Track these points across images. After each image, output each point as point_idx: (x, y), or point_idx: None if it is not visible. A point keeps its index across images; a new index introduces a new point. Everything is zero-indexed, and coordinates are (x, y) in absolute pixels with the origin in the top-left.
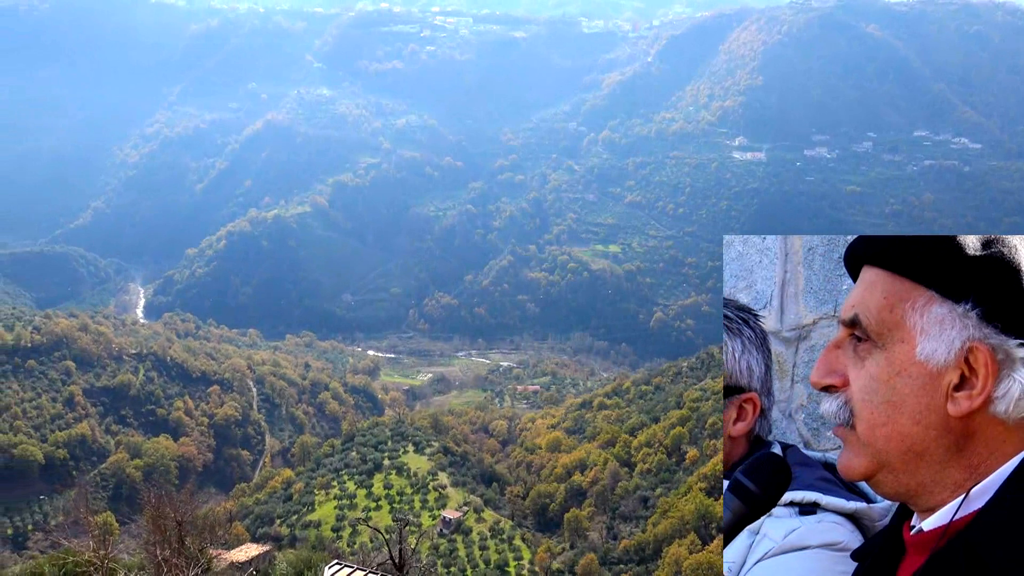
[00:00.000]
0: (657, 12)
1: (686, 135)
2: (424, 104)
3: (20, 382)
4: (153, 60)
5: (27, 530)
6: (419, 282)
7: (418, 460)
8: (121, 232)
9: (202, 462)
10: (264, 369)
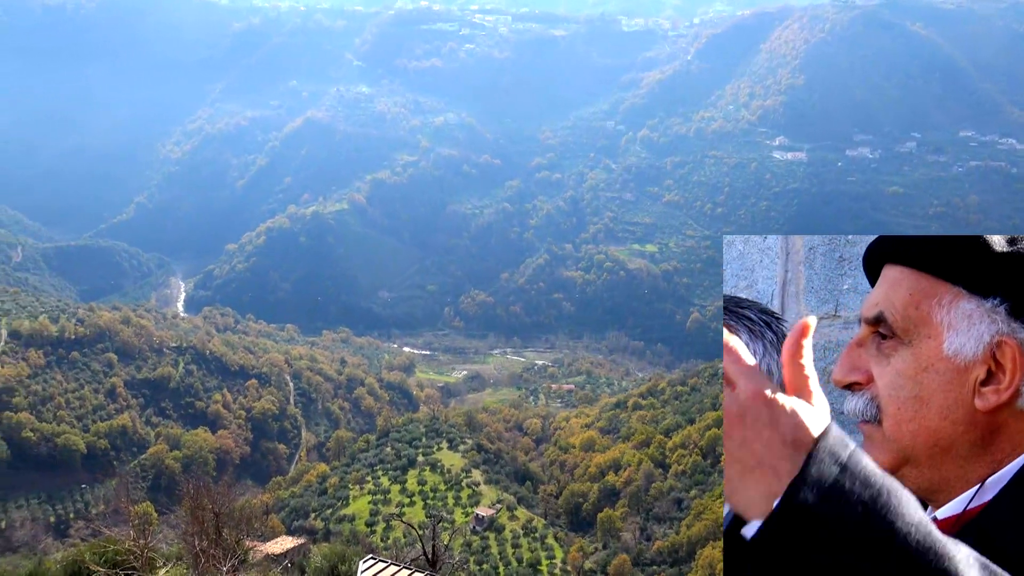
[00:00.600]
0: (698, 10)
1: (725, 134)
2: (462, 102)
3: (64, 373)
4: (196, 58)
5: (69, 518)
6: (455, 280)
7: (452, 457)
8: (163, 227)
9: (239, 455)
10: (301, 364)
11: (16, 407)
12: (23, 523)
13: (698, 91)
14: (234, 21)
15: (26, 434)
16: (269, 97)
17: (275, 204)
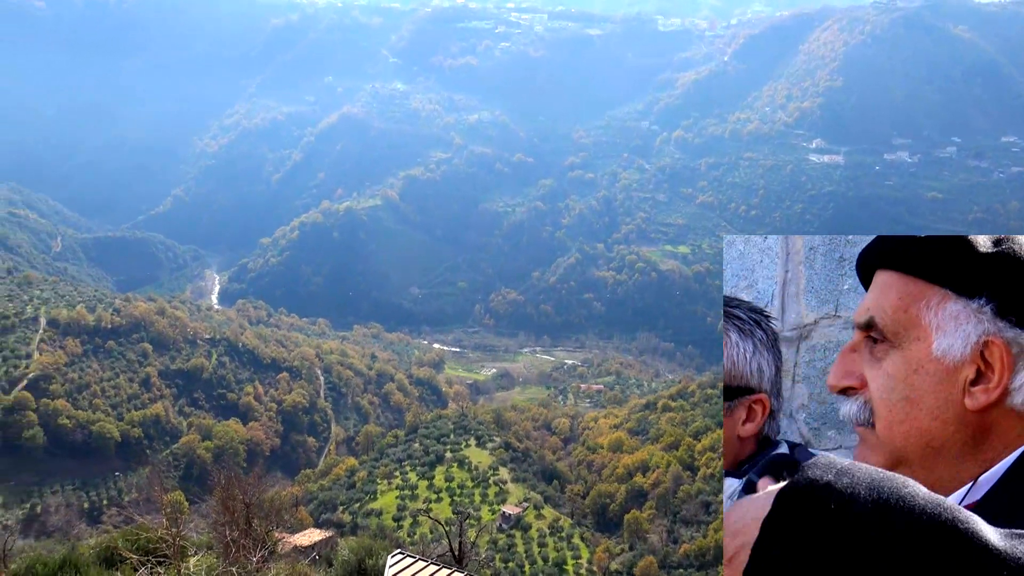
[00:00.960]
0: (735, 11)
1: (761, 136)
2: (496, 100)
3: (100, 362)
4: (234, 53)
5: (103, 505)
6: (486, 277)
7: (480, 454)
8: (199, 220)
9: (269, 447)
10: (332, 358)
11: (53, 394)
12: (58, 508)
13: (734, 92)
14: (272, 17)
15: (62, 421)
16: (305, 93)
17: (309, 199)
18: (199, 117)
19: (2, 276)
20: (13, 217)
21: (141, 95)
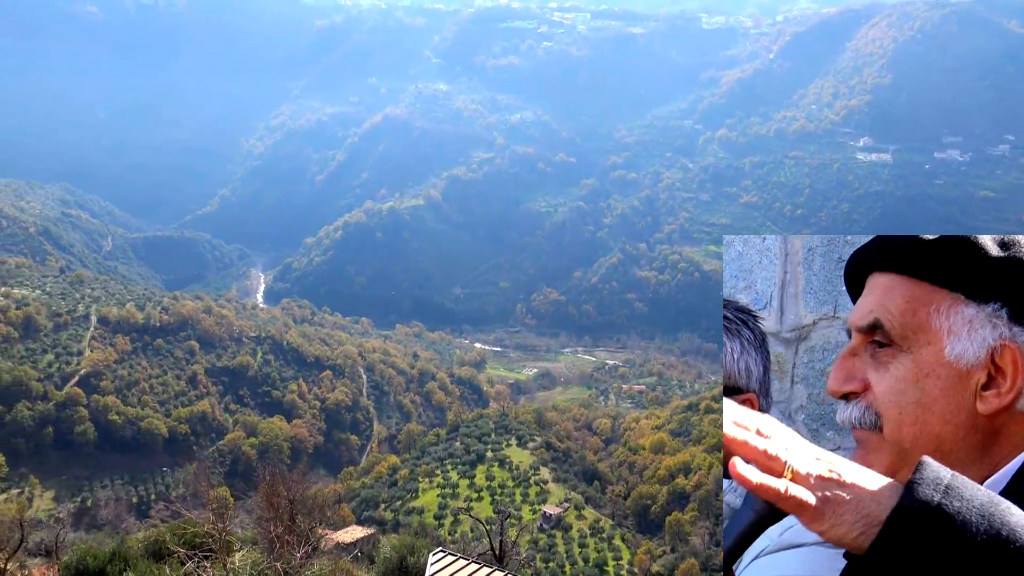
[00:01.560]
0: (781, 8)
1: (807, 135)
2: (539, 100)
3: (148, 359)
4: (280, 55)
5: (150, 499)
6: (528, 277)
7: (521, 454)
8: (245, 220)
9: (313, 444)
10: (374, 357)
11: (103, 391)
12: (107, 502)
13: (780, 90)
14: (317, 19)
15: (112, 417)
16: (349, 93)
17: (352, 199)
18: (246, 118)
19: (55, 275)
20: (66, 217)
21: (190, 97)
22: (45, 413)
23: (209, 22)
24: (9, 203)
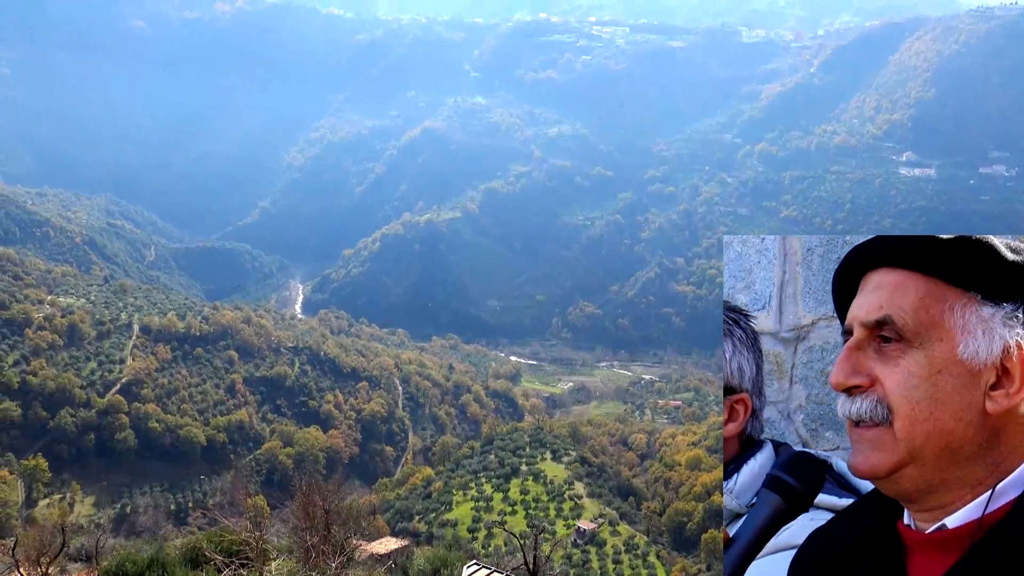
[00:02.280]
0: (822, 21)
1: (849, 149)
2: (577, 113)
3: (188, 368)
4: (321, 69)
5: (188, 507)
6: (564, 290)
7: (555, 468)
8: (285, 231)
9: (348, 455)
10: (410, 368)
11: (144, 399)
12: (146, 509)
13: (821, 104)
14: (358, 33)
15: (152, 424)
16: (388, 107)
17: (391, 211)
18: (287, 131)
19: (99, 284)
20: (111, 227)
21: (233, 110)
22: (87, 420)
23: (253, 37)
24: (57, 213)
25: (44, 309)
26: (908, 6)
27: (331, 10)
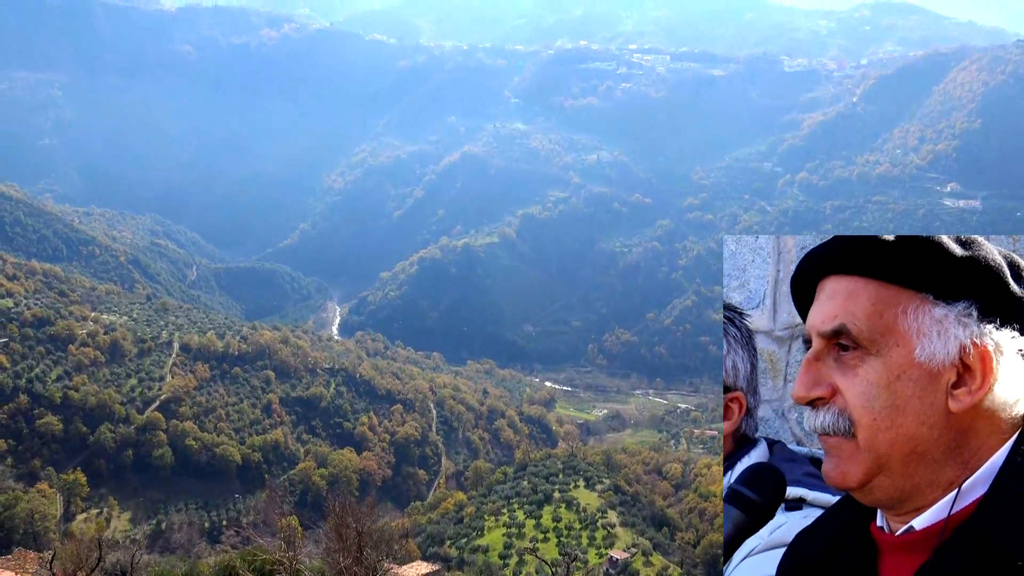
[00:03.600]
0: (866, 51)
1: (892, 179)
2: (616, 140)
3: (226, 387)
4: (364, 94)
5: (222, 525)
6: (600, 317)
7: (588, 496)
8: (324, 253)
9: (381, 477)
10: (445, 392)
11: (182, 416)
12: (181, 526)
13: (863, 134)
14: (401, 59)
15: (189, 442)
16: (428, 132)
17: (428, 235)
18: (329, 154)
19: (142, 302)
20: (155, 247)
21: (276, 133)
22: (126, 436)
23: (297, 62)
24: (103, 232)
25: (88, 326)
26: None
27: (375, 36)
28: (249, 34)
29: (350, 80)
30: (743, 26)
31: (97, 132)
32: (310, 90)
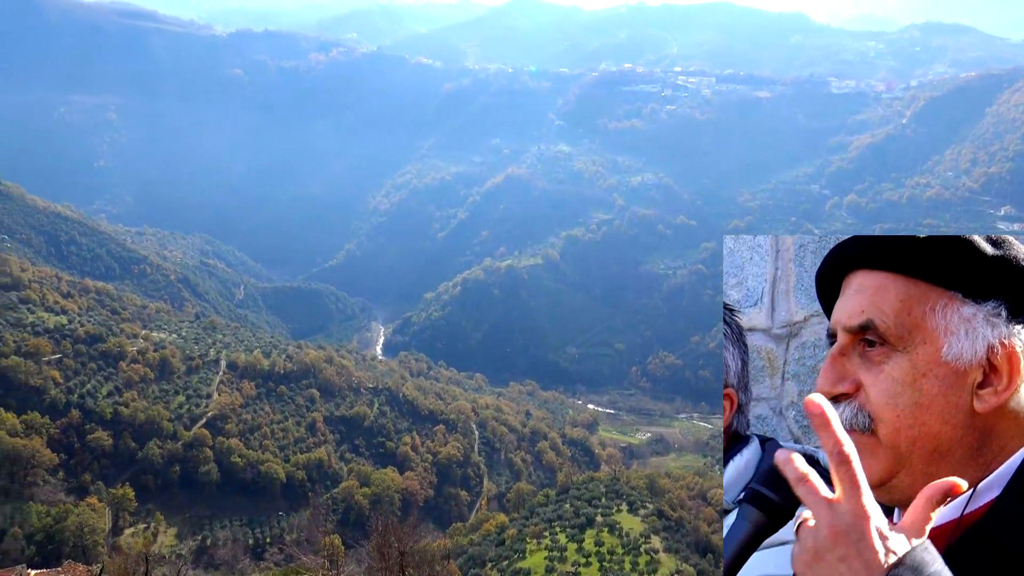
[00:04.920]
0: (915, 72)
1: (943, 202)
2: (660, 162)
3: (271, 405)
4: (409, 116)
5: (266, 542)
6: (644, 339)
7: (631, 520)
8: (368, 273)
9: (423, 497)
10: (487, 413)
11: (228, 433)
12: (226, 542)
13: (913, 156)
14: (446, 82)
15: (235, 459)
16: (473, 154)
17: (472, 256)
18: (374, 175)
19: (191, 320)
20: (204, 266)
21: (323, 155)
22: (174, 452)
23: (344, 85)
24: (154, 252)
25: (138, 343)
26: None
27: (421, 59)
28: (298, 58)
29: (396, 103)
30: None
31: (150, 154)
32: (356, 113)
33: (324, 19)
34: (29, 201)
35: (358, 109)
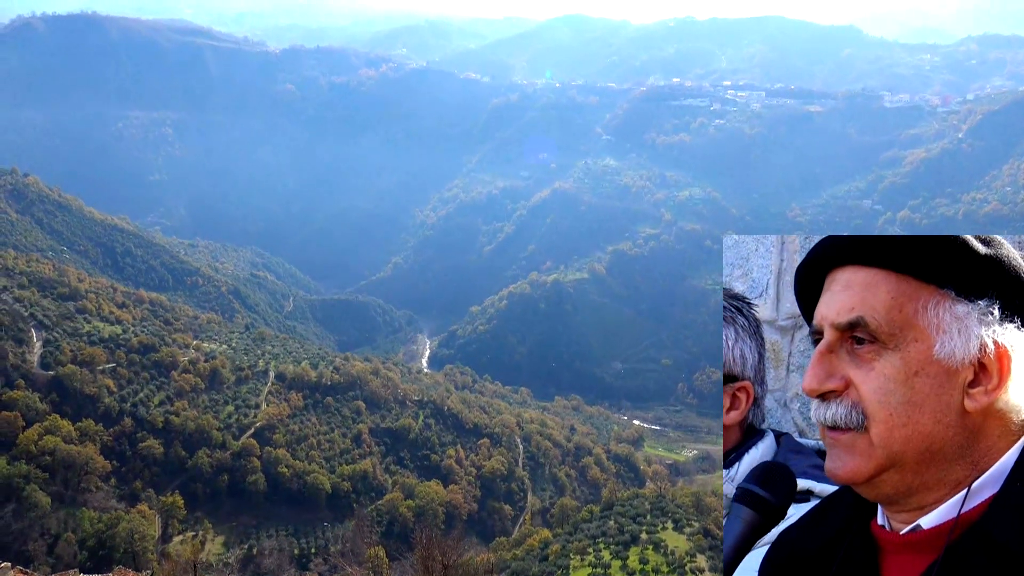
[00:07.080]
0: (971, 86)
1: (1000, 218)
2: (708, 177)
3: (318, 416)
4: (457, 130)
5: (311, 553)
6: (691, 355)
7: (677, 539)
8: (415, 287)
9: (467, 511)
10: (532, 428)
11: (275, 444)
12: (271, 552)
13: (969, 171)
14: (494, 97)
15: (282, 469)
16: (520, 168)
17: (518, 270)
18: (422, 189)
19: (240, 331)
20: (254, 278)
21: (371, 169)
22: (222, 461)
23: (394, 100)
24: (207, 263)
25: (189, 353)
26: None
27: (469, 74)
28: (348, 74)
29: (444, 117)
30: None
31: (204, 168)
32: (405, 127)
33: (375, 35)
34: (87, 213)
35: (407, 124)
